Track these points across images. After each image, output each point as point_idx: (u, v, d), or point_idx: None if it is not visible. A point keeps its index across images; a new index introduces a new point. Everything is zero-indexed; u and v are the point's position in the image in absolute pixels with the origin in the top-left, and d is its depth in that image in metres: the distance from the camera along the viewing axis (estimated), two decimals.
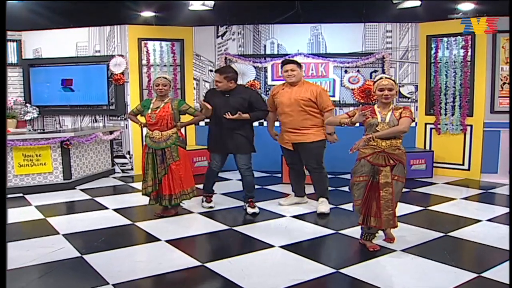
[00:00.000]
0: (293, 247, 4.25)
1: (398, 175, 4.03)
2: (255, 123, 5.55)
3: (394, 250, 4.11)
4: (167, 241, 4.43)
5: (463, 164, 7.45)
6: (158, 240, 4.49)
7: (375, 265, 3.83)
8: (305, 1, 7.67)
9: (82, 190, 6.75)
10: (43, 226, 5.00)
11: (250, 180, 5.50)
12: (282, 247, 4.25)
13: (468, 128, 7.36)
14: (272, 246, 4.28)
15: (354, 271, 3.67)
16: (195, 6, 7.32)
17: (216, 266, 3.81)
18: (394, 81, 4.06)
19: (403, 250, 4.10)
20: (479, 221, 5.00)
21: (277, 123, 5.68)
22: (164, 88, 5.11)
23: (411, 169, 7.28)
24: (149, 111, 5.12)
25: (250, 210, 5.44)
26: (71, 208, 5.98)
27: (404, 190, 6.27)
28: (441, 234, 4.54)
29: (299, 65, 5.36)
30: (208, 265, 3.83)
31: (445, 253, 4.05)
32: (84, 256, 4.03)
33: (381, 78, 4.05)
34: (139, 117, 5.42)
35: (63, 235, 4.65)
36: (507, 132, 7.01)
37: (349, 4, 7.55)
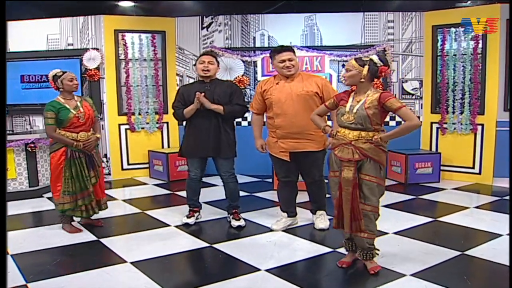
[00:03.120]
0: (282, 271, 3.56)
1: (368, 174, 3.36)
2: (241, 122, 4.80)
3: (403, 275, 3.42)
4: (133, 263, 3.75)
5: (473, 168, 6.78)
6: (123, 261, 3.80)
7: None
8: None
9: (49, 198, 6.03)
10: None
11: (233, 187, 4.80)
12: (269, 271, 3.55)
13: (479, 127, 6.68)
14: (257, 269, 3.58)
15: None
16: None
17: None
18: (356, 61, 3.40)
19: (413, 275, 3.41)
20: (499, 235, 4.30)
21: None
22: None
23: (416, 173, 6.62)
24: (72, 111, 4.46)
25: (234, 223, 4.74)
26: (34, 220, 5.28)
27: (409, 197, 5.75)
28: (457, 253, 3.85)
29: (294, 52, 4.40)
30: None
31: (464, 278, 3.38)
32: (29, 285, 3.36)
33: None
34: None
35: (12, 255, 3.95)
36: None
37: None
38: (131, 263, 3.76)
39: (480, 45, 6.57)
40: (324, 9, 7.17)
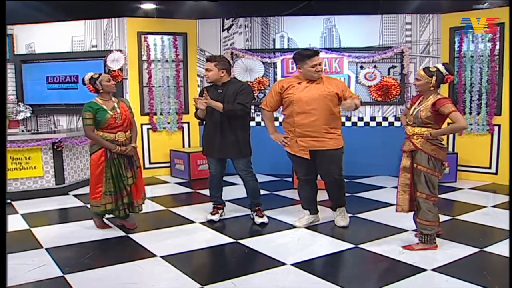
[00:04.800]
0: (308, 266, 3.69)
1: (418, 163, 3.90)
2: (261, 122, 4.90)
3: (424, 270, 3.54)
4: (163, 257, 3.90)
5: (490, 168, 6.84)
6: (153, 255, 3.96)
7: None
8: None
9: (75, 196, 6.23)
10: (25, 238, 4.48)
11: (253, 185, 4.91)
12: (294, 265, 3.69)
13: (496, 128, 6.75)
14: (283, 263, 3.72)
15: None
16: None
17: None
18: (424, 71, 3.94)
19: (434, 270, 3.53)
20: None
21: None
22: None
23: None
24: (109, 112, 4.53)
25: (258, 220, 4.87)
26: (62, 216, 5.47)
27: None
28: (476, 250, 3.96)
29: None
30: (208, 287, 3.28)
31: (484, 273, 3.50)
32: (66, 276, 3.51)
33: None
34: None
35: (47, 249, 4.14)
36: None
37: None
38: (161, 257, 3.90)
39: (497, 47, 6.63)
40: (343, 11, 7.27)
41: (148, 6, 7.43)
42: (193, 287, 3.31)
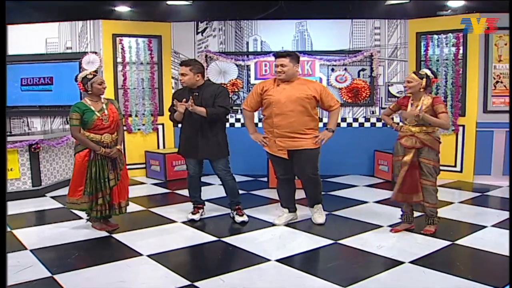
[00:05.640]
0: (291, 261, 3.85)
1: (427, 158, 4.35)
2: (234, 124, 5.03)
3: (402, 262, 3.75)
4: (149, 256, 3.98)
5: (455, 166, 7.18)
6: (139, 254, 4.03)
7: (387, 280, 3.47)
8: None
9: (52, 197, 6.22)
10: (8, 240, 4.45)
11: (232, 185, 5.03)
12: (279, 261, 3.84)
13: (460, 128, 7.09)
14: (267, 260, 3.87)
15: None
16: (174, 0, 6.89)
17: (207, 285, 3.39)
18: (415, 74, 4.38)
19: (411, 262, 3.75)
20: (484, 227, 4.70)
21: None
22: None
23: None
24: (97, 113, 4.52)
25: (238, 219, 5.01)
26: (41, 218, 5.47)
27: None
28: (448, 243, 4.21)
29: (294, 58, 4.64)
30: (198, 284, 3.40)
31: (457, 264, 3.76)
32: (55, 276, 3.55)
33: None
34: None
35: (31, 250, 4.15)
36: (500, 132, 6.80)
37: (336, 0, 7.22)
38: (147, 256, 3.98)
39: (461, 51, 6.97)
40: (314, 16, 7.48)
41: (122, 9, 7.45)
42: (183, 284, 3.41)
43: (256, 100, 4.82)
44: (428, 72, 4.37)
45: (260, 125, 5.40)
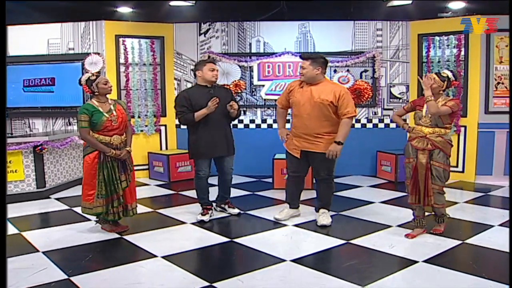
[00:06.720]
0: (307, 261, 3.87)
1: (437, 161, 4.31)
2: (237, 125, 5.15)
3: (416, 261, 3.79)
4: (164, 257, 3.99)
5: (457, 166, 7.23)
6: (154, 256, 4.03)
7: (403, 279, 3.51)
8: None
9: (57, 199, 6.19)
10: (18, 242, 4.45)
11: (230, 182, 5.35)
12: (294, 261, 3.86)
13: (462, 129, 7.15)
14: (283, 260, 3.88)
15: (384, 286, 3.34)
16: (176, 1, 6.88)
17: (226, 286, 3.40)
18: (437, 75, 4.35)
19: (425, 261, 3.78)
20: (491, 226, 4.75)
21: None
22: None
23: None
24: (105, 114, 4.47)
25: (234, 211, 5.35)
26: (47, 220, 5.44)
27: (400, 194, 6.14)
28: (459, 242, 4.26)
29: (315, 61, 4.61)
30: (217, 285, 3.41)
31: (470, 263, 3.79)
32: (71, 278, 3.54)
33: None
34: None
35: (43, 252, 4.13)
36: (502, 133, 6.87)
37: (337, 1, 7.25)
38: (162, 257, 3.98)
39: (462, 53, 7.04)
40: (316, 17, 7.51)
41: (124, 10, 7.43)
42: (202, 285, 3.41)
43: (285, 99, 4.95)
44: (450, 75, 4.36)
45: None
